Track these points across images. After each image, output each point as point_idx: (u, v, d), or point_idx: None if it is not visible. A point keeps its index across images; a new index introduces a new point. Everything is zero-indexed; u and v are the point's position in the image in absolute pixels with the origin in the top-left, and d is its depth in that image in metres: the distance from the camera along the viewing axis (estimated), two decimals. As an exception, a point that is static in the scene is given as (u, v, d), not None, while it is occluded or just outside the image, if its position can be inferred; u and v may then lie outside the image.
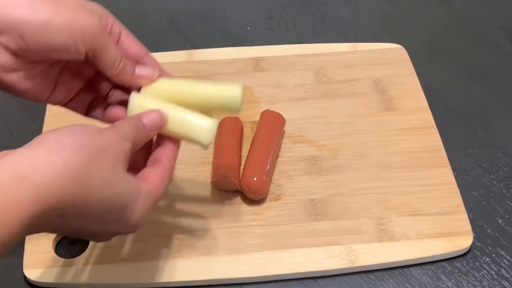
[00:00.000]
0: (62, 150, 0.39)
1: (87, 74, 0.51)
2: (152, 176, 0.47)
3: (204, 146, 0.50)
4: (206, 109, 0.51)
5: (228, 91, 0.51)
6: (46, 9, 0.44)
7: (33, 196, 0.36)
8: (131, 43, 0.52)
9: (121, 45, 0.51)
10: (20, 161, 0.38)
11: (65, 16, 0.44)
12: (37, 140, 0.40)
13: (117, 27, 0.51)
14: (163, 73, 0.52)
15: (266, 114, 0.68)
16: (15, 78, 0.46)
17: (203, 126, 0.49)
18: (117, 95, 0.52)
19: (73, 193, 0.38)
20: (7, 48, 0.44)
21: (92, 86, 0.52)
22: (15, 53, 0.45)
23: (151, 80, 0.51)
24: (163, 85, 0.51)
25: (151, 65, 0.52)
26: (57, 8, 0.44)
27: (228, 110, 0.52)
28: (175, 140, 0.50)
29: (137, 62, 0.51)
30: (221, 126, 0.67)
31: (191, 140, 0.50)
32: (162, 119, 0.48)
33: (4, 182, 0.36)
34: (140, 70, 0.50)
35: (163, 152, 0.49)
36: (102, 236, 0.46)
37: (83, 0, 0.48)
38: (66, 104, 0.52)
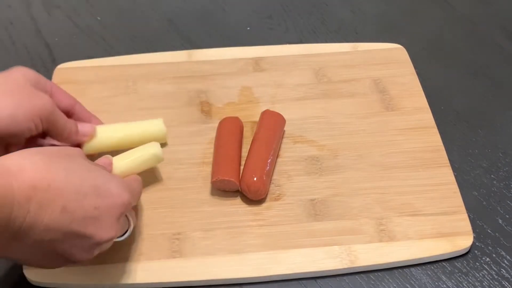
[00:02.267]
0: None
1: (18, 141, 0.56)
2: None
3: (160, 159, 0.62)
4: (137, 144, 0.62)
5: (154, 126, 0.65)
6: (9, 104, 0.51)
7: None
8: (61, 94, 0.60)
9: (53, 97, 0.58)
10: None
11: (26, 105, 0.52)
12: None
13: (48, 83, 0.59)
14: (92, 119, 0.63)
15: (266, 114, 0.68)
16: None
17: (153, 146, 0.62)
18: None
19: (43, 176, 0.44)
20: None
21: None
22: None
23: (92, 137, 0.61)
24: (99, 135, 0.62)
25: (83, 114, 0.62)
26: (18, 99, 0.52)
27: (157, 141, 0.63)
28: None
29: (69, 111, 0.60)
30: (221, 126, 0.67)
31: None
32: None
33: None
34: (82, 127, 0.60)
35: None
36: (103, 218, 0.48)
37: (28, 75, 0.56)
38: None
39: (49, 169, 0.45)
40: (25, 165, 0.43)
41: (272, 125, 0.67)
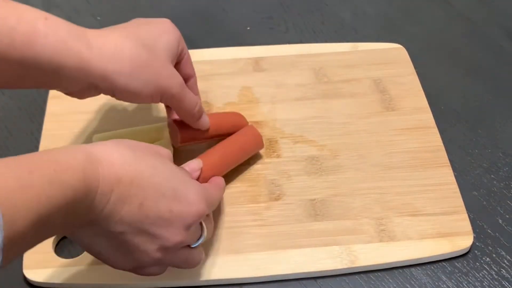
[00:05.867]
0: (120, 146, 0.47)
1: None
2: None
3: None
4: None
5: (158, 129, 0.65)
6: (140, 81, 0.52)
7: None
8: (188, 63, 0.60)
9: (182, 64, 0.60)
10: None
11: (154, 83, 0.53)
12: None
13: (185, 49, 0.60)
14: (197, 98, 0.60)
15: (250, 131, 0.65)
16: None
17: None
18: None
19: (128, 173, 0.45)
20: (96, 89, 0.53)
21: None
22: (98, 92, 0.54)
23: (203, 128, 0.61)
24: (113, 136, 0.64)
25: (192, 90, 0.60)
26: (149, 75, 0.53)
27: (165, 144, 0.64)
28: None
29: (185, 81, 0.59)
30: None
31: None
32: (199, 166, 0.57)
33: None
34: (204, 119, 0.60)
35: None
36: (172, 222, 0.48)
37: (171, 44, 0.56)
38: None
39: (135, 165, 0.45)
40: (113, 157, 0.44)
41: (248, 146, 0.64)
